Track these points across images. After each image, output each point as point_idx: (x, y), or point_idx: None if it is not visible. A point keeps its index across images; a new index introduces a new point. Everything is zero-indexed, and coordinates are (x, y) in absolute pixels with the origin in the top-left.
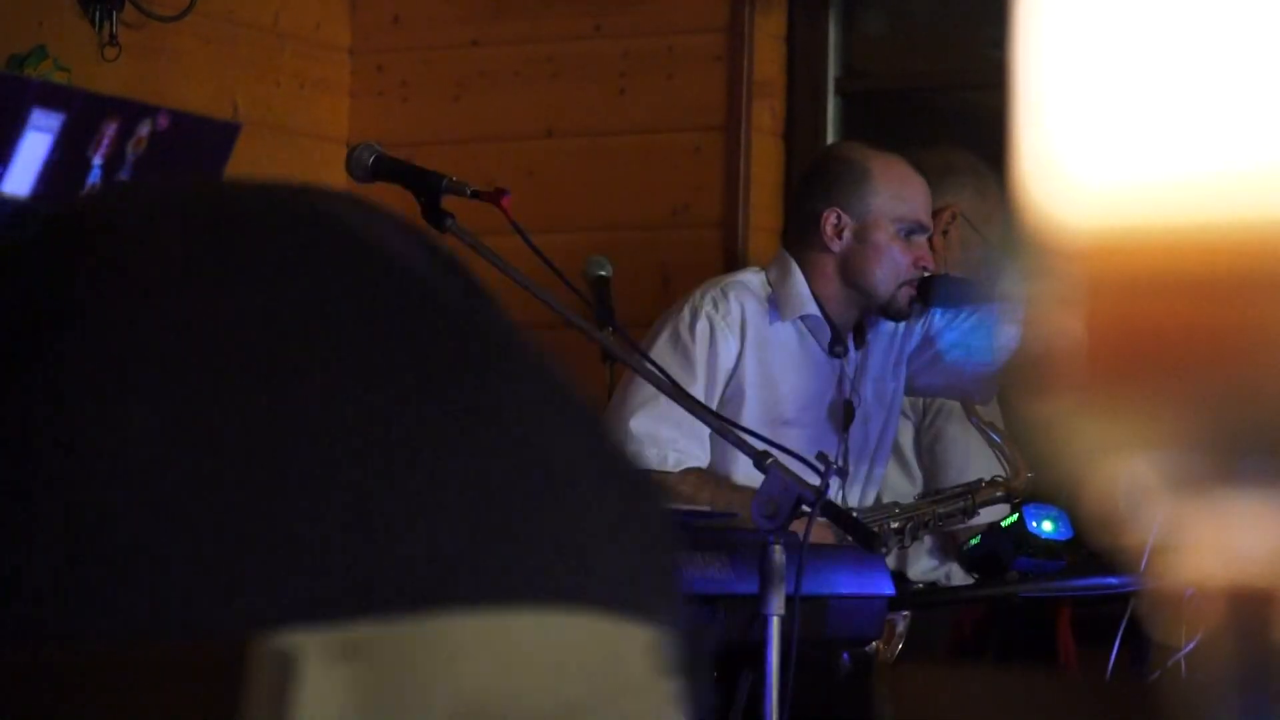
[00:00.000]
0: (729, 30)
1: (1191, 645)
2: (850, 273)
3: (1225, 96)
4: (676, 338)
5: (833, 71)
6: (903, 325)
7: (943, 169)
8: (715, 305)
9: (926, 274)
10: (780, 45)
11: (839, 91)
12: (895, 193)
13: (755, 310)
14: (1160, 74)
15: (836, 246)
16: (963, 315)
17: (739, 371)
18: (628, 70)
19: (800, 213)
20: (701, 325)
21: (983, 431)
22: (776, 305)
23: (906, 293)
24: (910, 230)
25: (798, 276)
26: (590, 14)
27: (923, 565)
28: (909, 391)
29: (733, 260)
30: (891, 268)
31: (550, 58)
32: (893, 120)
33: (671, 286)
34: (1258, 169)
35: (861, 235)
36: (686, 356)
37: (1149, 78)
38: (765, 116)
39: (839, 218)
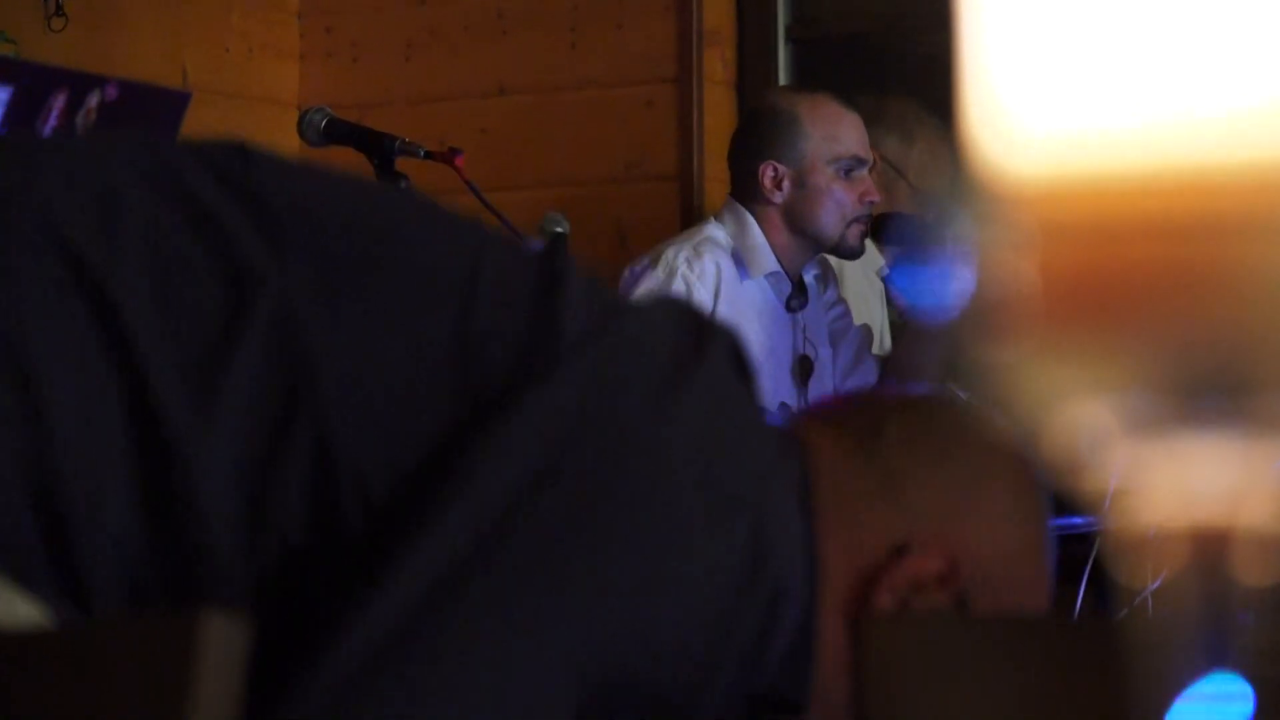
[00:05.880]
0: None
1: (1155, 585)
2: (797, 221)
3: (1176, 41)
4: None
5: (783, 19)
6: (825, 294)
7: (870, 118)
8: (690, 265)
9: (873, 208)
10: None
11: (790, 39)
12: (827, 133)
13: (729, 268)
14: (1111, 18)
15: (778, 198)
16: (915, 261)
17: None
18: (577, 24)
19: (740, 171)
20: (678, 284)
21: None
22: (742, 261)
23: (857, 229)
24: (849, 167)
25: (754, 229)
26: None
27: None
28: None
29: (689, 213)
30: (835, 208)
31: (500, 13)
32: (844, 67)
33: (628, 241)
34: (1211, 113)
35: (800, 182)
36: None
37: (1099, 22)
38: (716, 66)
39: (775, 169)
